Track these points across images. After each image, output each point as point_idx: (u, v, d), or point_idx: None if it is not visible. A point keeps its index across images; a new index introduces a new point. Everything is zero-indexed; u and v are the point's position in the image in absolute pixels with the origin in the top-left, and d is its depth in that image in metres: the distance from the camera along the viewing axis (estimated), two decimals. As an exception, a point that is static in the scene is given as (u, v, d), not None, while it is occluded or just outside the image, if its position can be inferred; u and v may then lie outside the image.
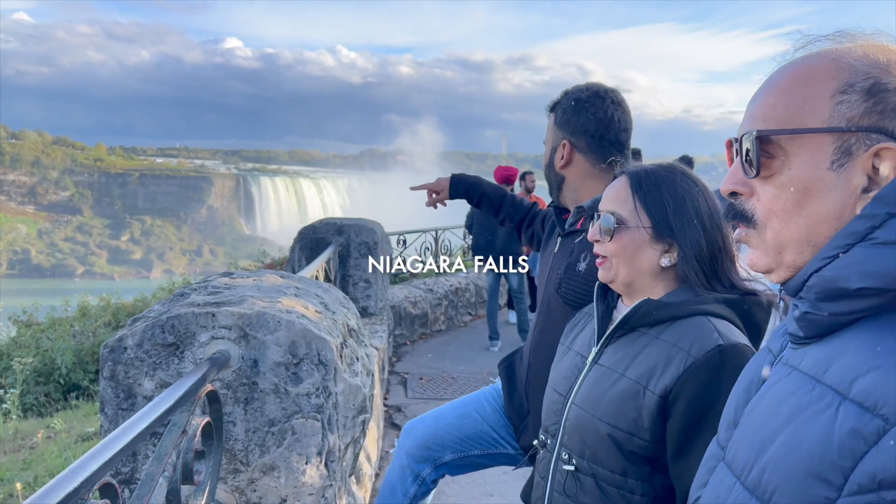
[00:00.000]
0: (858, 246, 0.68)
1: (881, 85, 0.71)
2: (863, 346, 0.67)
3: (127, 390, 1.72)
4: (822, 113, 0.74)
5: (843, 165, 0.72)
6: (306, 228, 5.00)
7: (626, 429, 1.29)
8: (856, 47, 0.75)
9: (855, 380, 0.64)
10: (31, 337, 7.76)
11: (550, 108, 2.07)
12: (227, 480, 1.76)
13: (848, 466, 0.61)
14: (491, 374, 6.00)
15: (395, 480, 2.20)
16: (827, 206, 0.73)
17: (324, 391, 1.75)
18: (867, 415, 0.61)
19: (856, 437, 0.61)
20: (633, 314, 1.34)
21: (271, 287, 1.98)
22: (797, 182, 0.75)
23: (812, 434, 0.66)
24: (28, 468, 4.08)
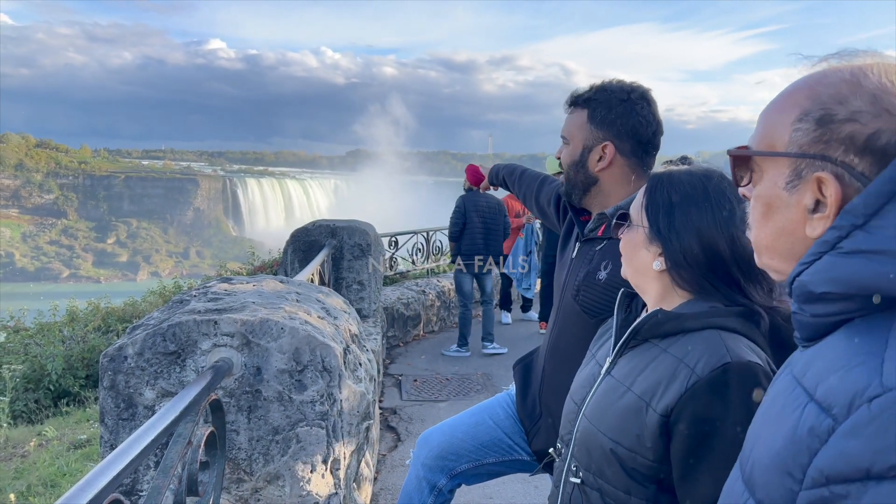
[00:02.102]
0: (828, 254, 0.75)
1: (829, 116, 0.77)
2: (833, 349, 0.73)
3: (127, 400, 1.68)
4: (783, 138, 0.82)
5: (795, 187, 0.80)
6: (299, 231, 4.97)
7: (628, 446, 1.24)
8: (835, 72, 0.80)
9: (821, 382, 0.70)
10: (19, 343, 7.65)
11: (579, 102, 1.95)
12: (231, 490, 1.73)
13: (806, 462, 0.67)
14: (485, 375, 5.99)
15: (412, 492, 2.18)
16: (783, 222, 0.82)
17: (328, 398, 1.73)
18: (823, 414, 0.67)
19: (812, 435, 0.67)
20: (644, 324, 1.30)
21: (272, 293, 1.95)
22: (763, 197, 0.85)
23: (783, 431, 0.72)
24: (20, 477, 4.02)
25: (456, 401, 5.31)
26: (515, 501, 3.61)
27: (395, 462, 4.16)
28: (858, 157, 0.75)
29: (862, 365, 0.66)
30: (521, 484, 3.73)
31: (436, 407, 5.17)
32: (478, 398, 5.37)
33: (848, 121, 0.76)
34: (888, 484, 0.60)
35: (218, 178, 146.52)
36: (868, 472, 0.61)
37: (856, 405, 0.64)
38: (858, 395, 0.64)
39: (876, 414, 0.62)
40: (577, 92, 1.98)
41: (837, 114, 0.77)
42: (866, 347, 0.68)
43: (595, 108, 1.91)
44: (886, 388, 0.62)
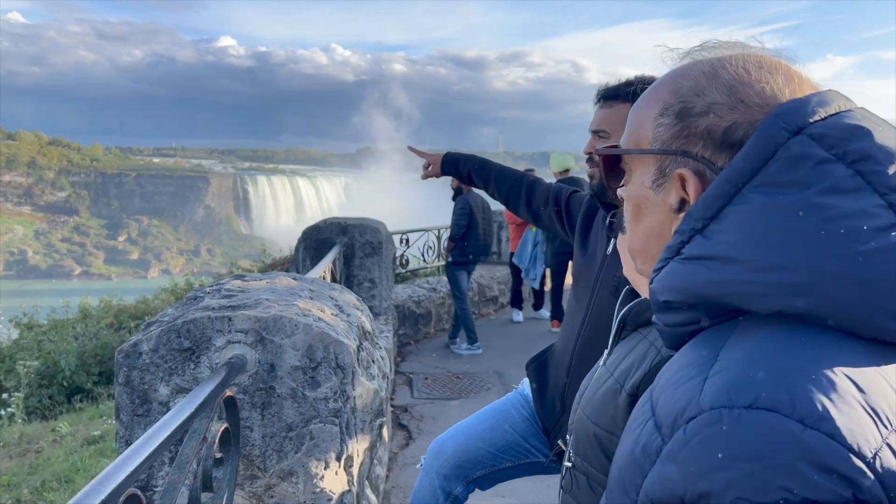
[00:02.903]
0: (672, 261, 0.71)
1: (687, 109, 0.74)
2: (677, 361, 0.69)
3: (142, 396, 1.69)
4: (648, 134, 0.78)
5: (661, 186, 0.76)
6: (310, 228, 4.98)
7: (606, 427, 1.27)
8: (695, 65, 0.77)
9: (661, 396, 0.65)
10: (33, 339, 7.73)
11: (620, 96, 1.91)
12: (245, 487, 1.73)
13: (638, 483, 0.62)
14: (497, 373, 5.98)
15: (426, 499, 2.17)
16: (652, 223, 0.79)
17: (342, 395, 1.73)
18: (655, 433, 0.62)
19: (645, 455, 0.62)
20: (628, 313, 1.34)
21: (285, 289, 1.96)
22: (633, 197, 0.81)
23: (627, 447, 0.67)
24: (35, 473, 4.05)
25: (467, 399, 5.31)
26: (528, 500, 3.61)
27: (406, 460, 4.17)
28: (717, 152, 0.72)
29: (690, 380, 0.62)
30: (532, 482, 3.72)
31: (447, 405, 5.18)
32: (489, 396, 5.37)
33: (704, 113, 0.73)
34: None
35: (228, 176, 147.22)
36: (682, 501, 0.56)
37: (677, 426, 0.60)
38: (679, 415, 0.60)
39: (689, 437, 0.58)
40: (615, 85, 1.94)
41: (695, 106, 0.73)
42: (699, 361, 0.64)
43: None
44: (701, 409, 0.58)
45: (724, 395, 0.58)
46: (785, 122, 0.67)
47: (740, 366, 0.60)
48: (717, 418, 0.57)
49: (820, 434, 0.53)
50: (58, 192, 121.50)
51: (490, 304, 8.64)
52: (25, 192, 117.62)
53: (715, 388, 0.59)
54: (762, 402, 0.56)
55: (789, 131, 0.66)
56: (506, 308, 8.74)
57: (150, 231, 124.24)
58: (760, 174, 0.66)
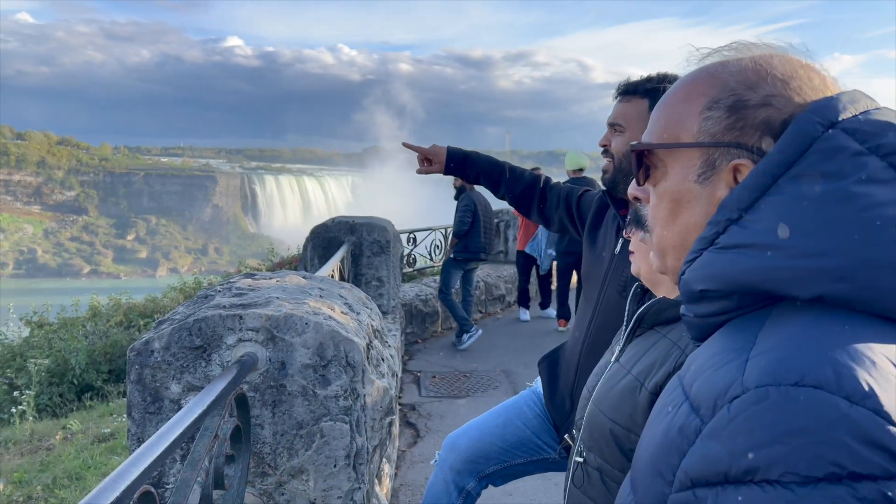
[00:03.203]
0: (706, 251, 0.73)
1: (742, 102, 0.75)
2: (710, 347, 0.71)
3: (154, 394, 1.70)
4: (692, 128, 0.78)
5: (708, 179, 0.77)
6: (319, 227, 4.99)
7: (624, 425, 1.30)
8: (736, 61, 0.78)
9: (695, 381, 0.68)
10: (43, 337, 7.78)
11: (639, 91, 1.91)
12: (255, 484, 1.74)
13: (675, 464, 0.64)
14: (504, 372, 5.98)
15: (439, 494, 2.18)
16: (695, 217, 0.79)
17: (352, 393, 1.73)
18: (692, 414, 0.65)
19: (682, 436, 0.65)
20: (646, 312, 1.36)
21: (295, 288, 1.97)
22: (671, 193, 0.81)
23: (659, 431, 0.70)
24: (46, 470, 4.08)
25: (475, 397, 5.31)
26: (535, 498, 3.61)
27: (414, 458, 4.18)
28: (774, 143, 0.73)
29: (729, 363, 0.65)
30: (539, 481, 3.72)
31: (455, 403, 5.18)
32: (497, 395, 5.37)
33: (762, 105, 0.74)
34: (745, 489, 0.57)
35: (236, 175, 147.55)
36: (727, 476, 0.58)
37: (718, 405, 0.62)
38: (721, 396, 0.62)
39: (734, 415, 0.60)
40: (635, 80, 1.94)
41: (750, 99, 0.75)
42: (736, 345, 0.67)
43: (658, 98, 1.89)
44: (746, 388, 0.60)
45: (769, 374, 0.60)
46: (819, 117, 0.69)
47: (784, 347, 0.62)
48: (764, 395, 0.59)
49: (866, 410, 0.55)
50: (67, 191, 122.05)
51: (497, 302, 8.64)
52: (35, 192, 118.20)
53: (759, 368, 0.61)
54: (808, 380, 0.58)
55: (823, 125, 0.69)
56: (513, 307, 8.73)
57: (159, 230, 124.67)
58: (797, 165, 0.69)
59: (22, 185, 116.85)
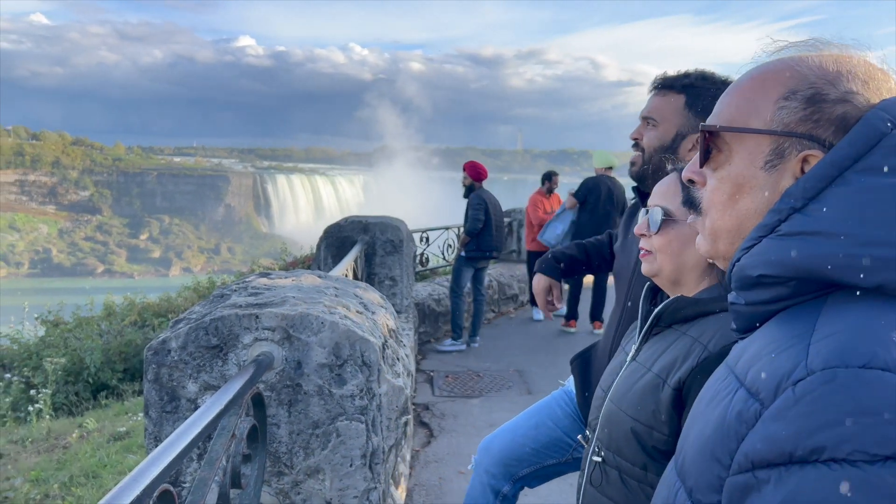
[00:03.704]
0: (766, 238, 0.75)
1: (821, 95, 0.76)
2: (764, 336, 0.73)
3: (171, 393, 1.71)
4: (764, 116, 0.79)
5: (774, 167, 0.78)
6: (332, 227, 5.00)
7: (646, 422, 1.30)
8: (816, 56, 0.79)
9: (751, 367, 0.70)
10: (59, 336, 7.85)
11: (675, 86, 1.89)
12: (272, 483, 1.75)
13: (733, 448, 0.66)
14: (518, 372, 5.97)
15: (477, 497, 2.18)
16: (755, 203, 0.79)
17: (367, 393, 1.73)
18: (751, 399, 0.67)
19: (740, 420, 0.66)
20: (665, 310, 1.35)
21: (311, 287, 1.96)
22: (733, 177, 0.81)
23: (714, 418, 0.72)
24: (62, 468, 4.11)
25: (488, 397, 5.30)
26: (549, 498, 3.59)
27: (428, 458, 4.17)
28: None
29: (789, 349, 0.66)
30: (556, 482, 3.70)
31: (468, 403, 5.17)
32: (510, 395, 5.36)
33: (841, 101, 0.75)
34: (811, 468, 0.58)
35: (248, 175, 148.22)
36: (791, 456, 0.60)
37: (782, 388, 0.63)
38: (784, 379, 0.64)
39: (800, 396, 0.61)
40: (670, 75, 1.92)
41: (829, 94, 0.76)
42: (795, 332, 0.69)
43: (696, 95, 1.85)
44: (811, 370, 0.62)
45: (836, 357, 0.62)
46: (890, 115, 0.72)
47: (848, 332, 0.64)
48: (832, 377, 0.61)
49: None
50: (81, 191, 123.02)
51: (510, 302, 8.62)
52: (50, 192, 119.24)
53: (825, 352, 0.63)
54: (876, 363, 0.60)
55: (893, 123, 0.72)
56: (526, 306, 8.72)
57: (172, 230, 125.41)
58: (864, 159, 0.71)
59: (37, 186, 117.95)
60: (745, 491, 0.64)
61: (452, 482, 3.83)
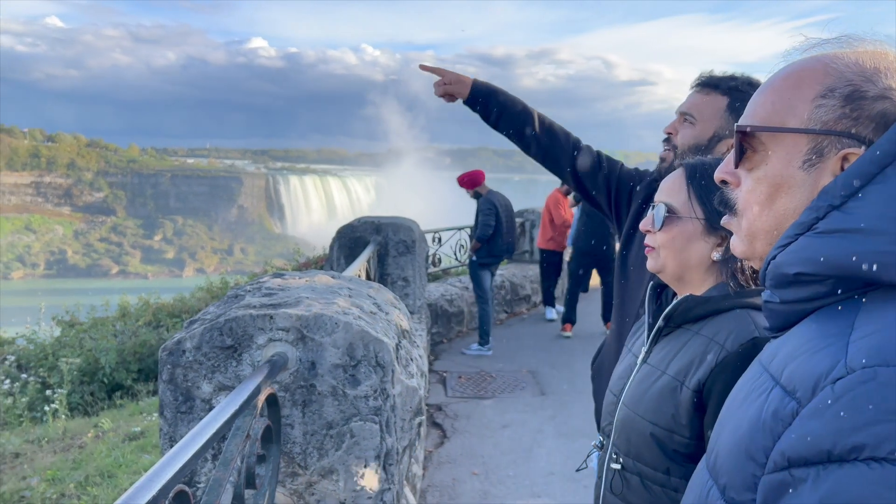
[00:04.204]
0: (803, 236, 0.73)
1: (860, 92, 0.75)
2: (801, 334, 0.73)
3: (185, 393, 1.71)
4: (801, 114, 0.78)
5: (813, 165, 0.77)
6: (345, 227, 5.00)
7: (665, 426, 1.28)
8: (851, 53, 0.78)
9: (786, 366, 0.70)
10: (74, 337, 7.91)
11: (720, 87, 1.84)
12: (286, 484, 1.74)
13: (769, 446, 0.65)
14: (531, 373, 5.95)
15: None
16: (794, 202, 0.78)
17: (381, 393, 1.73)
18: (787, 397, 0.66)
19: (776, 419, 0.66)
20: (675, 310, 1.34)
21: (325, 288, 1.96)
22: (771, 177, 0.80)
23: (749, 416, 0.71)
24: (78, 467, 4.14)
25: (501, 398, 5.29)
26: (564, 499, 3.58)
27: (441, 459, 4.17)
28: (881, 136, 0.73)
29: (828, 347, 0.66)
30: (569, 483, 3.70)
31: (481, 404, 5.16)
32: (523, 396, 5.34)
33: (880, 98, 0.74)
34: (850, 467, 0.58)
35: (261, 176, 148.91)
36: (829, 455, 0.59)
37: (820, 387, 0.63)
38: (823, 378, 0.63)
39: (839, 395, 0.60)
40: (719, 76, 1.87)
41: (868, 91, 0.75)
42: (833, 331, 0.68)
43: (740, 100, 1.81)
44: (850, 369, 0.61)
45: (877, 355, 0.61)
46: None
47: (889, 330, 0.63)
48: (872, 376, 0.60)
49: None
50: (96, 192, 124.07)
51: (523, 302, 8.60)
52: (65, 193, 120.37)
53: (865, 350, 0.62)
54: None
55: None
56: (539, 307, 8.69)
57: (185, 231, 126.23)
58: None
59: (53, 187, 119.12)
60: (780, 489, 0.63)
61: (466, 483, 3.82)
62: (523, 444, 4.37)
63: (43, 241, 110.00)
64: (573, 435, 4.52)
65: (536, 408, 5.05)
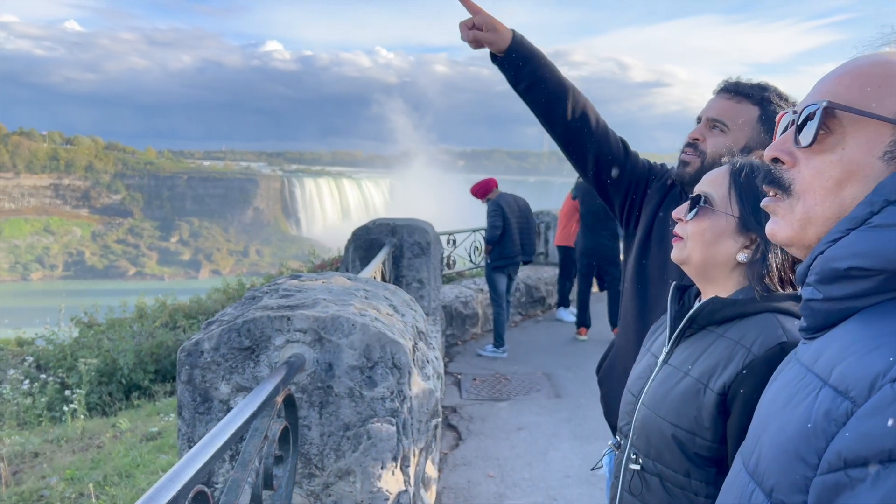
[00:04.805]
0: (856, 230, 0.72)
1: None
2: (847, 335, 0.71)
3: (204, 394, 1.72)
4: (890, 105, 0.76)
5: (894, 158, 0.75)
6: (360, 229, 5.01)
7: (687, 428, 1.27)
8: None
9: (835, 366, 0.69)
10: (92, 338, 7.99)
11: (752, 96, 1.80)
12: (303, 485, 1.75)
13: (821, 447, 0.65)
14: (545, 375, 5.93)
15: None
16: (863, 193, 0.76)
17: (398, 395, 1.73)
18: (839, 398, 0.65)
19: (828, 419, 0.65)
20: (700, 312, 1.32)
21: (341, 289, 1.97)
22: (846, 163, 0.77)
23: (796, 418, 0.71)
24: (97, 467, 4.18)
25: (517, 400, 5.28)
26: (581, 500, 3.56)
27: (456, 461, 4.16)
28: None
29: (881, 347, 0.65)
30: (584, 486, 3.68)
31: (496, 406, 5.15)
32: (538, 398, 5.33)
33: None
34: None
35: (276, 178, 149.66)
36: (891, 454, 0.58)
37: (878, 386, 0.62)
38: (880, 377, 0.62)
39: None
40: (750, 84, 1.82)
41: None
42: (884, 330, 0.67)
43: (770, 112, 1.77)
44: None
45: None
46: None
47: None
48: None
49: None
50: (113, 194, 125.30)
51: (538, 304, 8.58)
52: (83, 195, 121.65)
53: None
54: None
55: None
56: (553, 309, 8.67)
57: (201, 232, 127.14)
58: None
59: (71, 189, 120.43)
60: (836, 490, 0.62)
61: (481, 485, 3.82)
62: (539, 447, 4.36)
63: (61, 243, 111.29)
64: (589, 438, 4.50)
65: (552, 410, 5.03)
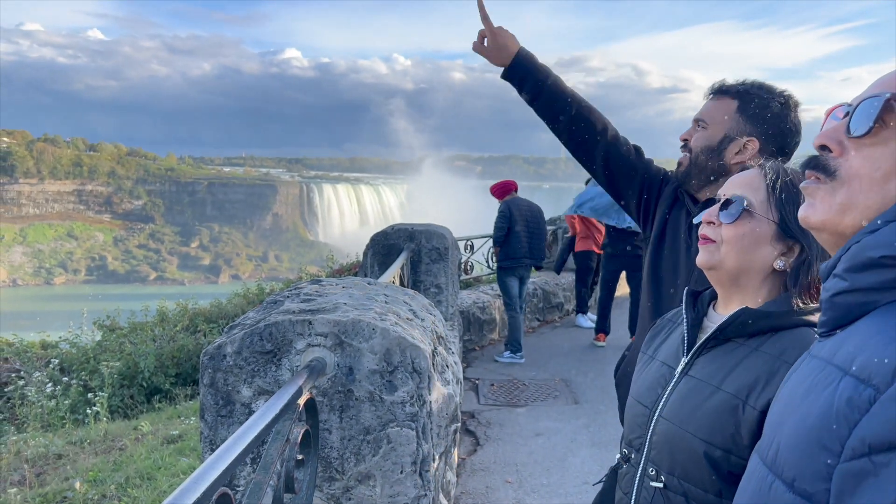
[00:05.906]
0: (894, 222, 0.73)
1: None
2: (867, 328, 0.73)
3: (226, 397, 1.74)
4: None
5: None
6: (378, 234, 5.03)
7: (722, 445, 1.20)
8: None
9: (856, 357, 0.70)
10: (115, 341, 8.09)
11: (730, 92, 1.90)
12: (323, 489, 1.76)
13: (844, 434, 0.66)
14: (563, 381, 5.91)
15: None
16: None
17: (418, 399, 1.73)
18: (861, 385, 0.66)
19: (851, 406, 0.66)
20: (730, 323, 1.25)
21: (362, 294, 1.98)
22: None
23: (817, 408, 0.72)
24: (119, 469, 4.23)
25: (534, 406, 5.26)
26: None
27: (475, 466, 4.16)
28: None
29: None
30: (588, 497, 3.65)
31: (514, 412, 5.14)
32: (556, 404, 5.31)
33: None
34: None
35: (295, 184, 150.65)
36: None
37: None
38: None
39: None
40: (726, 82, 1.94)
41: None
42: None
43: (748, 101, 1.87)
44: None
45: None
46: None
47: None
48: None
49: None
50: (135, 200, 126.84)
51: (555, 310, 8.55)
52: (105, 201, 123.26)
53: None
54: None
55: None
56: (571, 315, 8.63)
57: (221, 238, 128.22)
58: None
59: (94, 195, 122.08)
60: (860, 476, 0.63)
61: (499, 491, 3.81)
62: (557, 453, 4.34)
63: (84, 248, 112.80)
64: (607, 444, 4.47)
65: (570, 416, 5.01)
